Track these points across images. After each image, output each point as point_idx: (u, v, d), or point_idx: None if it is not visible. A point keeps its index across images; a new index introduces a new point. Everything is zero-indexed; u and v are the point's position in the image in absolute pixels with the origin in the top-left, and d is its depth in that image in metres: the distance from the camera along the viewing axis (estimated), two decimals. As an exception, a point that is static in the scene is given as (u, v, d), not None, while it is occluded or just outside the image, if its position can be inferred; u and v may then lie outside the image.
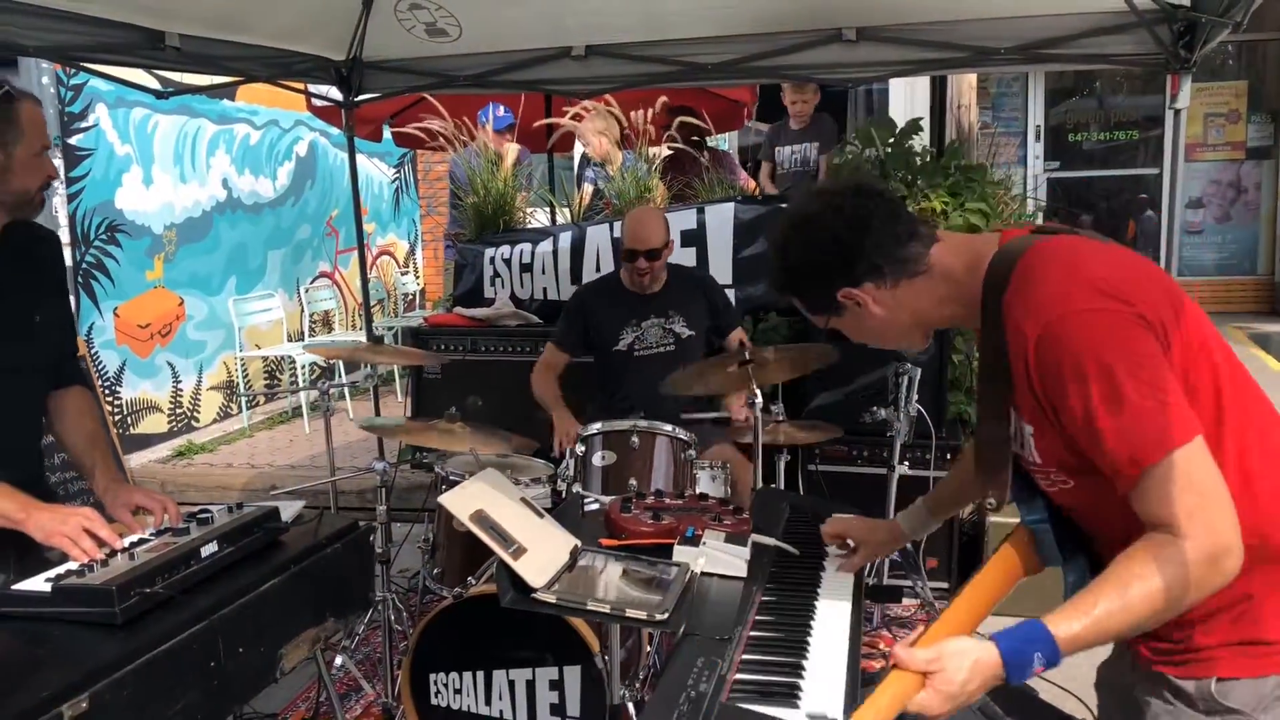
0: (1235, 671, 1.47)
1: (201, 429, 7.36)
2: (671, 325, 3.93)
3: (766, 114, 7.25)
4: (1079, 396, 1.39)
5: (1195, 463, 1.36)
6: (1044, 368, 1.42)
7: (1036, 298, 1.45)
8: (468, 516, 1.77)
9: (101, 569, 1.96)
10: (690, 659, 1.52)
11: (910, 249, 1.59)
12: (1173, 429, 1.36)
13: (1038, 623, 1.38)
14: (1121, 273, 1.46)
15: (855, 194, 1.62)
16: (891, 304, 1.61)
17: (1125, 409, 1.36)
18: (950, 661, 1.38)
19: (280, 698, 3.49)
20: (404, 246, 10.40)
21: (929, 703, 1.38)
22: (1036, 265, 1.48)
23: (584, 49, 4.36)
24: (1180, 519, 1.35)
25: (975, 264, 1.57)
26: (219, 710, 2.05)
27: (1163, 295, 1.46)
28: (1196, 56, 3.56)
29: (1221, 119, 9.64)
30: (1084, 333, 1.39)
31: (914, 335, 1.69)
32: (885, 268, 1.59)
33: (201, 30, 3.90)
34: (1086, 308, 1.40)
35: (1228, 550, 1.36)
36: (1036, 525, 1.61)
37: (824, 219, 1.62)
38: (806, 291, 1.69)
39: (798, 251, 1.65)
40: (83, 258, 6.27)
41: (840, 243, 1.59)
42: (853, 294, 1.61)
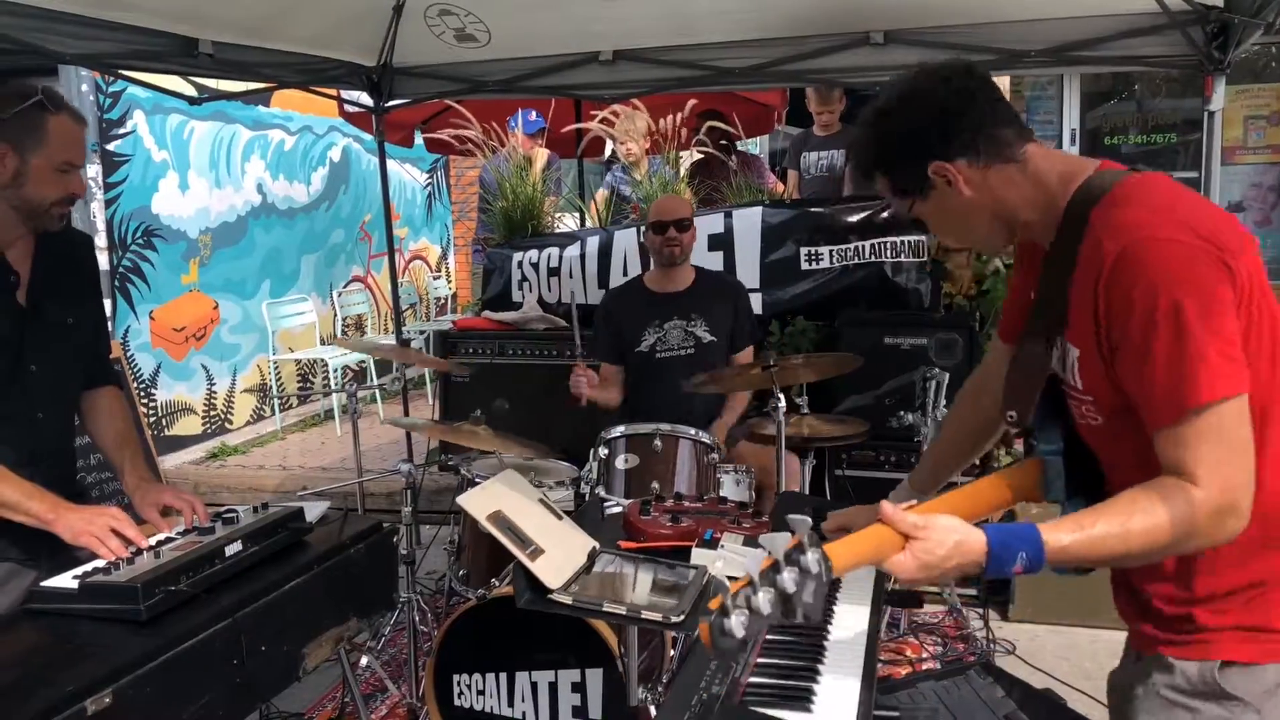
0: (1239, 656, 1.46)
1: (235, 431, 7.44)
2: (693, 328, 3.93)
3: (796, 118, 7.23)
4: (1143, 320, 1.37)
5: (1233, 419, 1.36)
6: (1116, 285, 1.40)
7: (1126, 217, 1.42)
8: (485, 517, 1.78)
9: (127, 567, 2.00)
10: (704, 661, 1.52)
11: (1008, 132, 1.56)
12: (1225, 379, 1.35)
13: (1031, 525, 1.38)
14: (1213, 217, 1.44)
15: (962, 70, 1.59)
16: (981, 186, 1.57)
17: (1186, 346, 1.34)
18: (936, 533, 1.38)
19: (306, 697, 3.52)
20: (436, 251, 10.47)
21: (904, 565, 1.38)
22: (1132, 190, 1.47)
23: (611, 54, 4.38)
24: (1201, 469, 1.35)
25: (1069, 176, 1.54)
26: (241, 708, 2.07)
27: (1244, 249, 1.43)
28: (1230, 57, 3.51)
29: (1263, 121, 9.48)
30: (1166, 261, 1.37)
31: (995, 229, 1.63)
32: (981, 145, 1.55)
33: (234, 37, 3.96)
34: (1175, 238, 1.38)
35: (1235, 509, 1.36)
36: (1049, 456, 1.60)
37: (929, 89, 1.58)
38: (899, 162, 1.63)
39: (896, 119, 1.60)
40: (119, 262, 6.38)
41: (944, 112, 1.56)
42: (945, 169, 1.56)
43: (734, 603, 1.20)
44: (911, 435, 3.78)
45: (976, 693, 3.13)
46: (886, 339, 4.31)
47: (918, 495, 2.02)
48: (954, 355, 4.23)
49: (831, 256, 4.66)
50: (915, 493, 2.03)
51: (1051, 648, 3.91)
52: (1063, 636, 3.98)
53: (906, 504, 1.46)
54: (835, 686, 1.54)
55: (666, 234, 3.87)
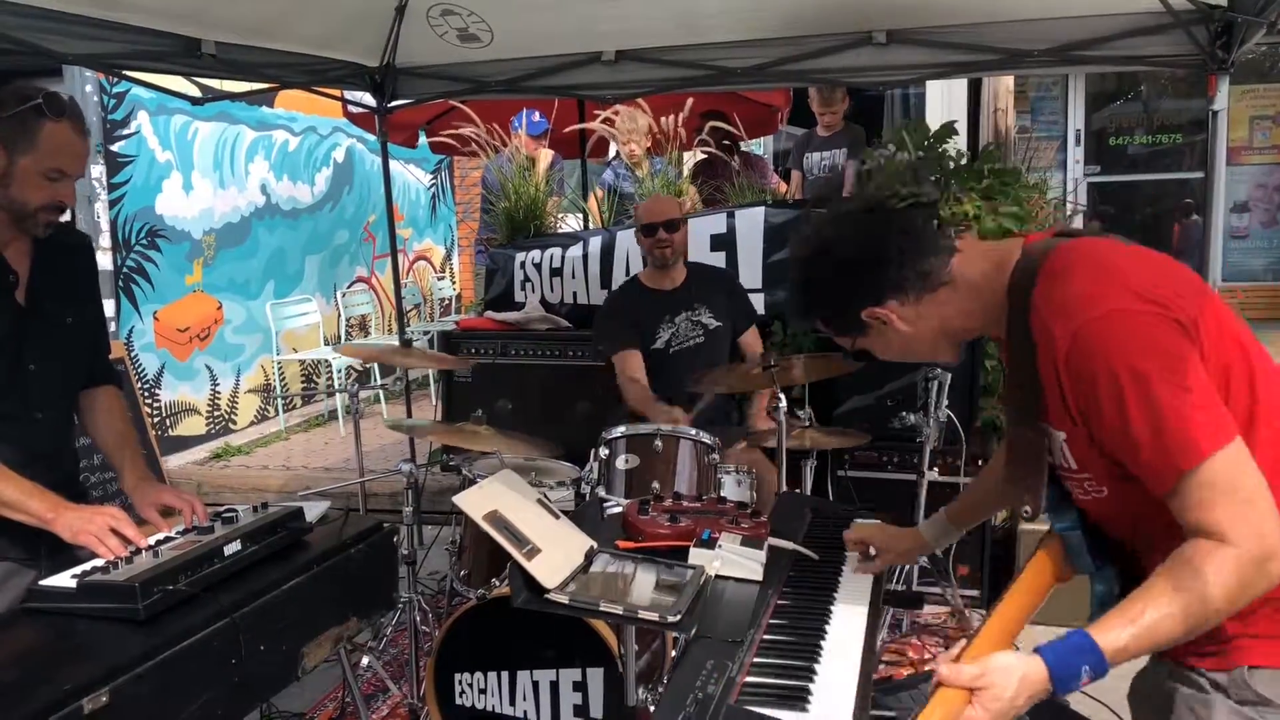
0: (1264, 660, 1.46)
1: (239, 431, 7.46)
2: (699, 317, 3.99)
3: (800, 119, 7.23)
4: (1113, 403, 1.37)
5: (1236, 466, 1.35)
6: (1075, 373, 1.40)
7: (1066, 298, 1.42)
8: (482, 517, 1.78)
9: (126, 566, 2.00)
10: (700, 661, 1.52)
11: (931, 262, 1.57)
12: (1210, 433, 1.34)
13: (1084, 634, 1.36)
14: (1152, 273, 1.44)
15: (869, 213, 1.61)
16: (916, 319, 1.60)
17: (1162, 415, 1.34)
18: (997, 677, 1.36)
19: (308, 697, 3.53)
20: (440, 252, 10.48)
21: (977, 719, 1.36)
22: (1065, 264, 1.46)
23: (614, 54, 4.37)
24: (1225, 525, 1.33)
25: (999, 269, 1.55)
26: (240, 707, 2.07)
27: (1193, 295, 1.43)
28: (1234, 57, 3.50)
29: (1268, 121, 9.46)
30: (1117, 336, 1.37)
31: (941, 348, 1.67)
32: (907, 283, 1.57)
33: (237, 38, 3.96)
34: (1119, 308, 1.38)
35: (1274, 554, 1.34)
36: (1068, 533, 1.59)
37: (841, 242, 1.61)
38: (830, 315, 1.69)
39: (817, 277, 1.65)
40: (123, 262, 6.39)
41: (860, 264, 1.59)
42: (877, 313, 1.60)
43: None
44: (913, 436, 3.77)
45: (979, 694, 3.13)
46: (889, 340, 4.29)
47: (954, 527, 2.05)
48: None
49: (834, 257, 4.65)
50: (951, 524, 2.05)
51: None
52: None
53: (958, 649, 1.46)
54: (832, 686, 1.54)
55: (656, 236, 3.90)
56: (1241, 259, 9.45)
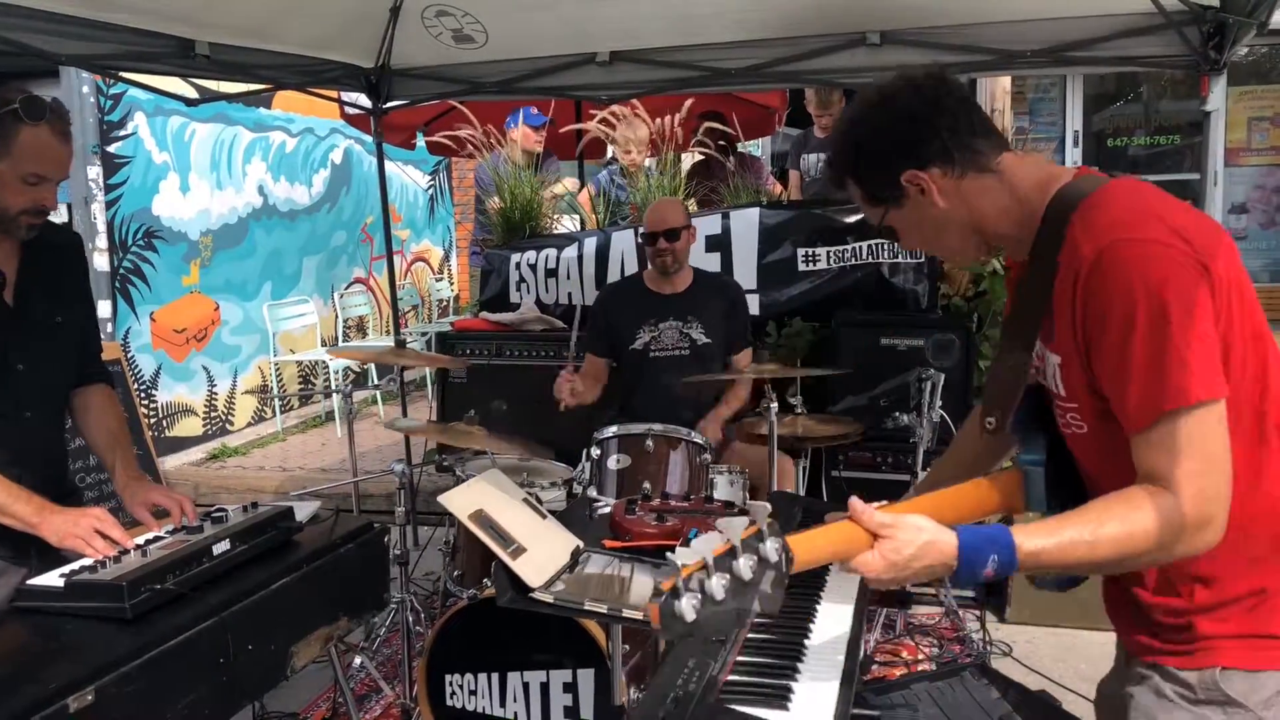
0: (1238, 662, 1.44)
1: (235, 432, 7.46)
2: (688, 330, 3.92)
3: (797, 120, 7.23)
4: (1121, 322, 1.35)
5: (1209, 424, 1.34)
6: (1094, 287, 1.38)
7: (1104, 219, 1.41)
8: (467, 516, 1.78)
9: (114, 565, 2.01)
10: (682, 659, 1.52)
11: (981, 142, 1.53)
12: (1204, 383, 1.33)
13: (1004, 528, 1.35)
14: (1192, 219, 1.42)
15: (936, 78, 1.57)
16: (954, 196, 1.54)
17: (1166, 347, 1.33)
18: (904, 532, 1.36)
19: (301, 697, 3.53)
20: (439, 253, 10.49)
21: (870, 564, 1.36)
22: (1110, 193, 1.45)
23: (608, 55, 4.38)
24: (1178, 477, 1.33)
25: (1045, 184, 1.51)
26: (228, 706, 2.08)
27: (1223, 253, 1.41)
28: (1226, 58, 3.51)
29: (1266, 123, 9.46)
30: (1145, 263, 1.35)
31: (968, 241, 1.60)
32: (955, 153, 1.52)
33: (231, 39, 3.97)
34: (1155, 238, 1.36)
35: (1210, 520, 1.34)
36: (1030, 466, 1.57)
37: (901, 96, 1.55)
38: (870, 171, 1.60)
39: (869, 126, 1.58)
40: (120, 263, 6.40)
41: (915, 119, 1.53)
42: (918, 177, 1.53)
43: (686, 585, 1.16)
44: (907, 436, 3.78)
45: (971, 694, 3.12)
46: (883, 340, 4.30)
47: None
48: (951, 356, 4.22)
49: (829, 257, 4.66)
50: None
51: (1048, 649, 3.90)
52: (1059, 638, 3.97)
53: (878, 504, 1.43)
54: (814, 686, 1.54)
55: (656, 245, 3.88)
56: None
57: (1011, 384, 1.57)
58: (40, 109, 2.16)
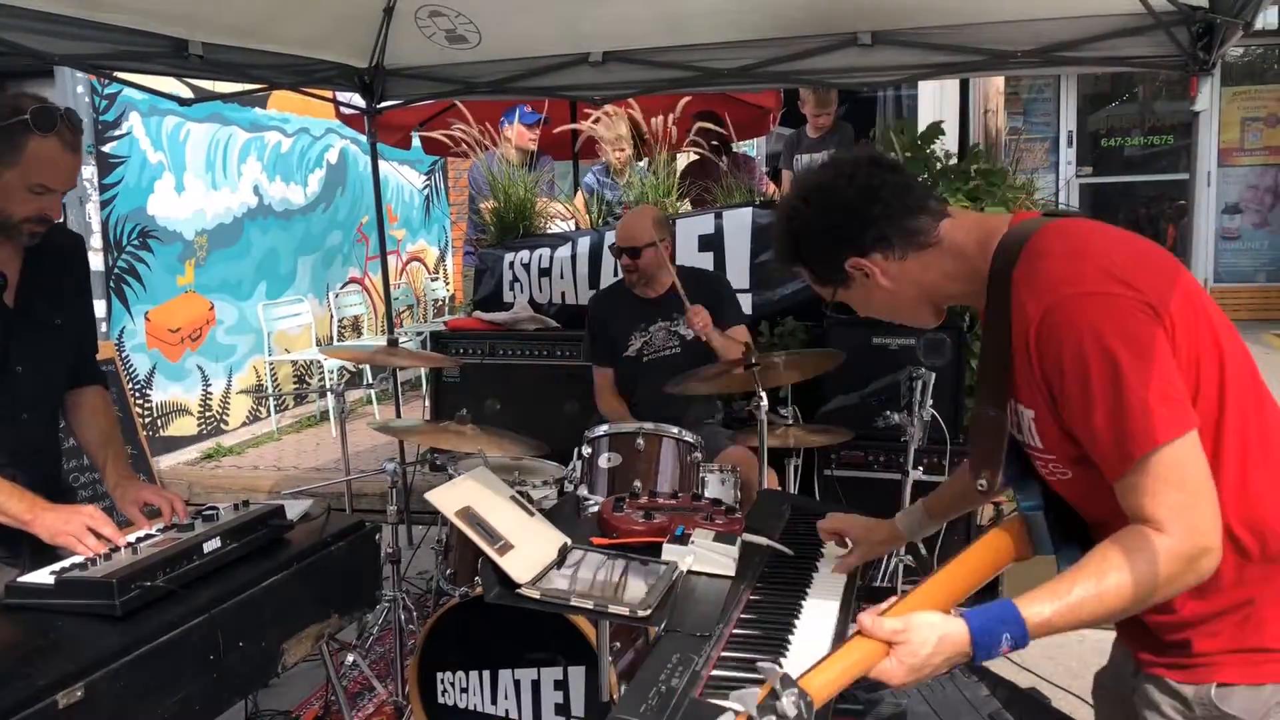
0: (1235, 678, 1.46)
1: (230, 432, 7.47)
2: (676, 328, 3.93)
3: (791, 121, 7.25)
4: (1077, 379, 1.38)
5: (1186, 459, 1.36)
6: (1045, 346, 1.41)
7: (1044, 276, 1.43)
8: (455, 513, 1.79)
9: (104, 563, 2.02)
10: (666, 655, 1.53)
11: (920, 220, 1.58)
12: (1168, 422, 1.35)
13: (1009, 603, 1.37)
14: (1133, 258, 1.45)
15: (868, 164, 1.62)
16: (899, 276, 1.60)
17: (1123, 396, 1.35)
18: (917, 634, 1.37)
19: (294, 696, 3.54)
20: (434, 253, 10.50)
21: (891, 672, 1.38)
22: (1047, 244, 1.47)
23: (601, 55, 4.38)
24: (1164, 516, 1.35)
25: (986, 241, 1.56)
26: (218, 703, 2.08)
27: (1171, 284, 1.44)
28: (1215, 58, 3.52)
29: (1259, 123, 9.48)
30: (1089, 315, 1.38)
31: (922, 310, 1.67)
32: (894, 238, 1.58)
33: (224, 39, 3.97)
34: (1094, 290, 1.39)
35: (1206, 551, 1.36)
36: (1030, 512, 1.59)
37: (835, 187, 1.61)
38: (814, 260, 1.68)
39: (807, 219, 1.64)
40: (115, 263, 6.40)
41: (850, 210, 1.59)
42: (861, 264, 1.60)
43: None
44: (898, 435, 3.79)
45: (961, 691, 3.14)
46: (875, 339, 4.31)
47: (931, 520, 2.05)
48: (942, 355, 4.23)
49: (821, 257, 4.66)
50: (928, 517, 2.05)
51: (1038, 647, 3.84)
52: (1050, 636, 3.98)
53: (886, 604, 1.44)
54: (798, 680, 1.55)
55: (622, 260, 3.90)
56: (1233, 260, 9.49)
57: (994, 443, 1.60)
58: (51, 120, 2.15)
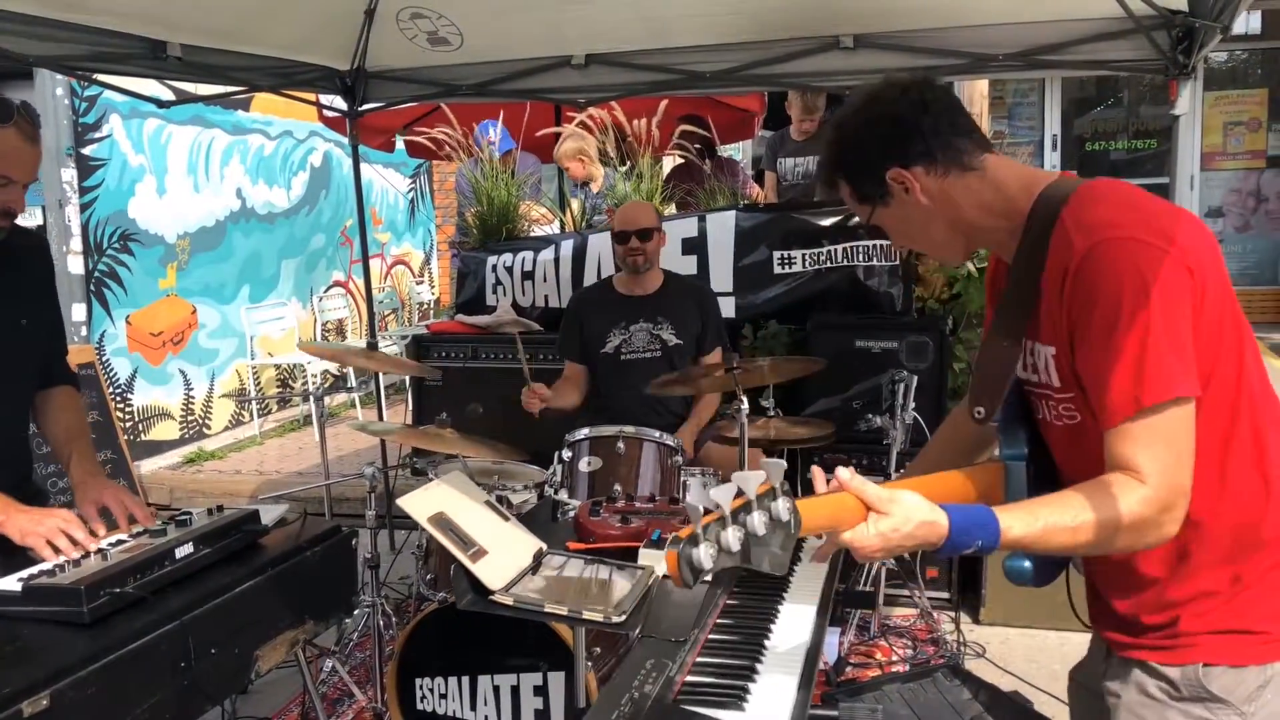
0: (1221, 658, 1.46)
1: (213, 436, 7.42)
2: (659, 331, 3.92)
3: (775, 124, 7.24)
4: (1107, 315, 1.39)
5: (1182, 421, 1.38)
6: (1083, 279, 1.41)
7: (1095, 215, 1.44)
8: (427, 519, 1.77)
9: (73, 569, 1.99)
10: (640, 661, 1.52)
11: (964, 142, 1.57)
12: (1181, 381, 1.37)
13: (990, 512, 1.39)
14: (1181, 222, 1.46)
15: (921, 82, 1.61)
16: (939, 195, 1.58)
17: (1148, 344, 1.37)
18: (900, 509, 1.38)
19: (273, 702, 3.52)
20: (419, 256, 10.46)
21: (864, 539, 1.38)
22: (1101, 191, 1.49)
23: (584, 57, 4.38)
24: (1149, 467, 1.37)
25: (1029, 185, 1.56)
26: (190, 709, 2.06)
27: (1212, 255, 1.46)
28: (1194, 61, 3.54)
29: (1241, 127, 9.53)
30: (1133, 260, 1.39)
31: (954, 241, 1.65)
32: (938, 152, 1.56)
33: (204, 40, 3.94)
34: (1142, 238, 1.40)
35: (1174, 510, 1.38)
36: (1012, 461, 1.60)
37: (886, 96, 1.60)
38: (856, 169, 1.64)
39: (855, 125, 1.62)
40: (95, 266, 6.35)
41: (898, 119, 1.58)
42: (902, 175, 1.58)
43: (705, 534, 1.18)
44: (880, 438, 3.79)
45: (943, 695, 3.13)
46: (858, 342, 4.31)
47: None
48: (925, 358, 4.23)
49: (804, 260, 4.66)
50: None
51: (1021, 650, 3.91)
52: (1033, 639, 3.99)
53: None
54: (772, 687, 1.54)
55: (629, 244, 3.88)
56: (1215, 263, 9.53)
57: (1000, 374, 1.60)
58: (8, 111, 2.14)
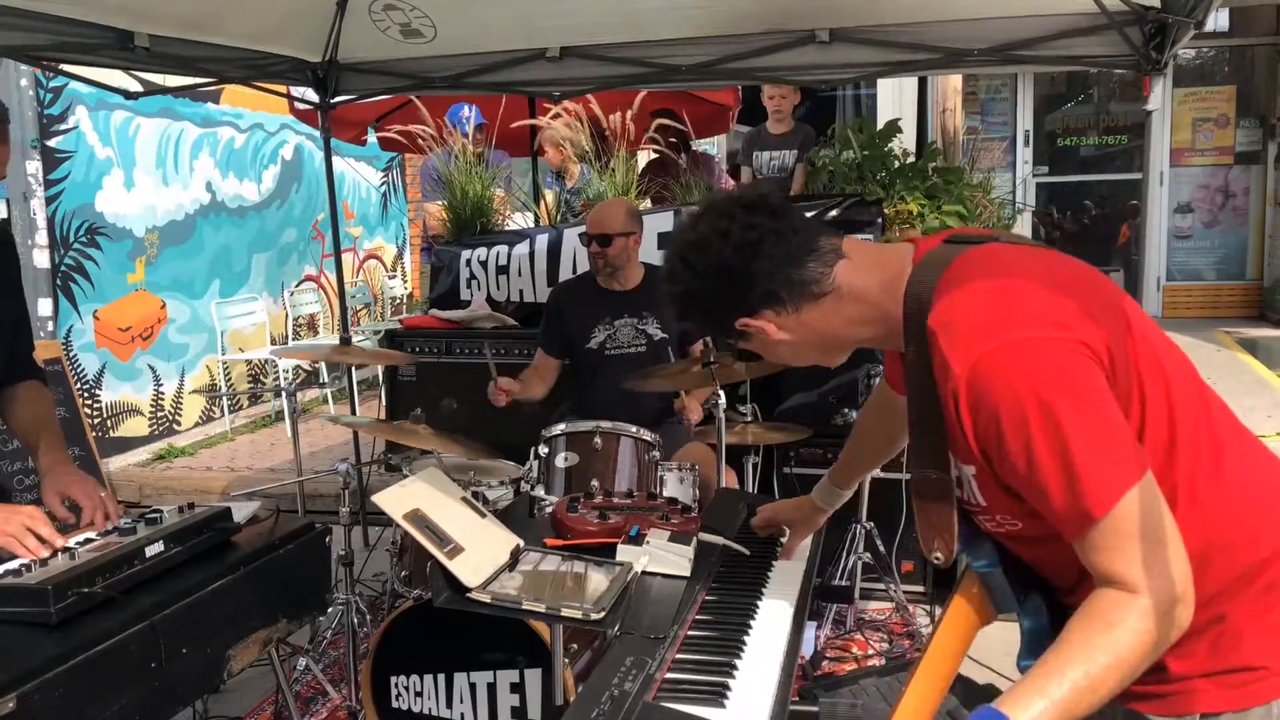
0: (1219, 705, 1.37)
1: (183, 432, 7.33)
2: (644, 326, 3.90)
3: (750, 118, 7.24)
4: (1018, 443, 1.27)
5: (1145, 505, 1.26)
6: (977, 410, 1.29)
7: (964, 327, 1.31)
8: (402, 516, 1.75)
9: (39, 569, 1.95)
10: (620, 658, 1.50)
11: (808, 270, 1.44)
12: (1122, 474, 1.25)
13: (997, 713, 1.23)
14: (1058, 291, 1.34)
15: (743, 213, 1.46)
16: (796, 328, 1.48)
17: (1071, 458, 1.25)
18: None
19: (246, 701, 3.48)
20: (392, 250, 10.38)
21: None
22: (961, 286, 1.35)
23: (558, 50, 4.35)
24: (1132, 573, 1.25)
25: (891, 283, 1.43)
26: (161, 710, 2.03)
27: (1105, 310, 1.35)
28: (1167, 57, 3.56)
29: (1210, 124, 9.63)
30: (1019, 367, 1.27)
31: (831, 356, 1.58)
32: (781, 292, 1.45)
33: (172, 31, 3.88)
34: (1021, 337, 1.28)
35: (1182, 598, 1.26)
36: (986, 571, 1.50)
37: (709, 245, 1.46)
38: (704, 323, 1.60)
39: (687, 282, 1.50)
40: (62, 260, 6.25)
41: (729, 270, 1.45)
42: (750, 324, 1.48)
43: None
44: (856, 432, 3.79)
45: (919, 688, 3.15)
46: (834, 337, 4.31)
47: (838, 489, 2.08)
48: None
49: (780, 254, 4.66)
50: (834, 486, 2.08)
51: (997, 643, 3.88)
52: (1008, 632, 3.93)
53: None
54: (752, 683, 1.53)
55: (591, 247, 3.87)
56: (1185, 259, 9.63)
57: (942, 508, 1.47)
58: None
